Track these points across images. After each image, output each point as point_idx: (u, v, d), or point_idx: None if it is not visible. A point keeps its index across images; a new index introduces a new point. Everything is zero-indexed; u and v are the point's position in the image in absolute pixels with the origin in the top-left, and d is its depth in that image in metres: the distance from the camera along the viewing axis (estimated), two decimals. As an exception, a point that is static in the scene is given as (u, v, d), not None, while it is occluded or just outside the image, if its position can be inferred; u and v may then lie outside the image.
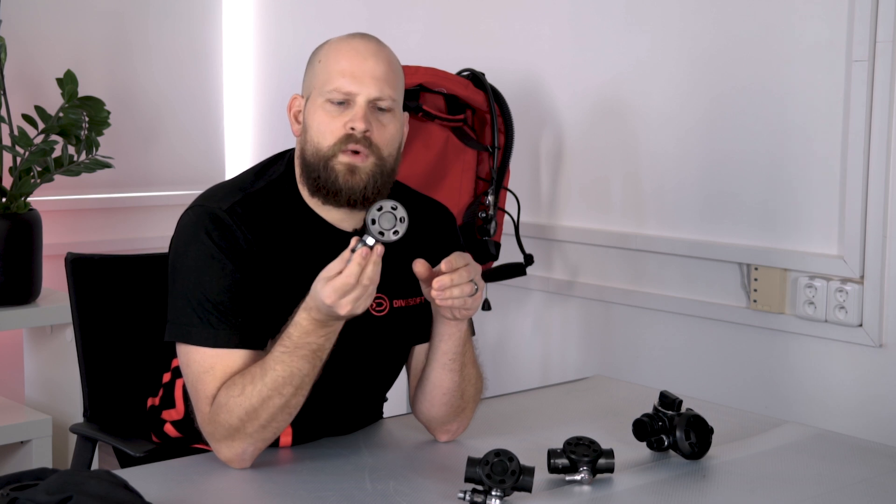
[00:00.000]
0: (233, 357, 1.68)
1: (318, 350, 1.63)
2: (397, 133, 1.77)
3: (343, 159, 1.71)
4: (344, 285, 1.55)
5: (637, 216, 2.90)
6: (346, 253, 1.57)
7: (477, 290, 1.65)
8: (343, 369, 1.70)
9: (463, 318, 1.71)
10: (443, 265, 1.63)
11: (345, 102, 1.72)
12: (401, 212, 1.56)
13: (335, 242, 1.78)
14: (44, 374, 3.28)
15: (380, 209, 1.56)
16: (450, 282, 1.62)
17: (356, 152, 1.71)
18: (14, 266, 3.03)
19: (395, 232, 1.56)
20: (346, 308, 1.56)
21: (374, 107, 1.73)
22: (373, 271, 1.56)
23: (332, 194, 1.73)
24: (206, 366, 1.68)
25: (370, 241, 1.56)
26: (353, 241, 1.57)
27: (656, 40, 2.83)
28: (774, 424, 2.02)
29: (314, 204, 1.79)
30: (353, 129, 1.70)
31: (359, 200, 1.73)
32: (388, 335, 1.84)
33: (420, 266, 1.65)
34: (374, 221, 1.56)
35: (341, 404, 1.84)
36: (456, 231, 1.96)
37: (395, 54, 1.80)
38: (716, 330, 2.73)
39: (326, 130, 1.72)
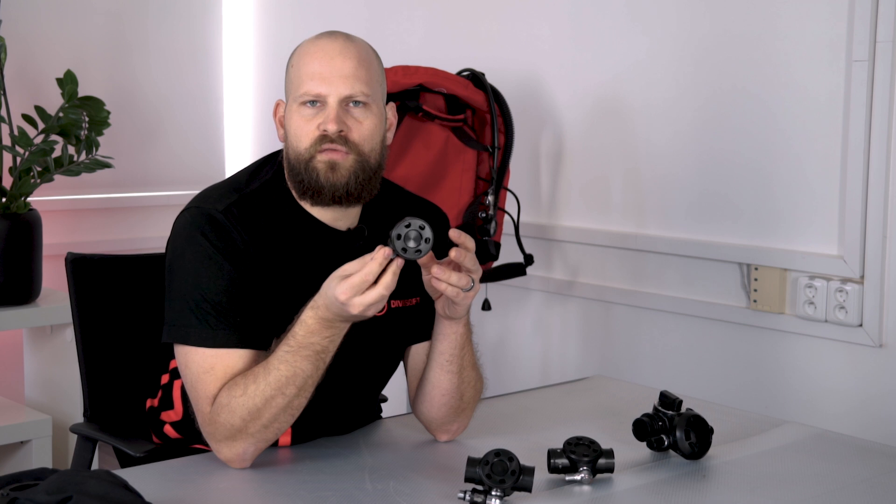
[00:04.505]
0: (232, 357, 1.68)
1: (322, 352, 1.63)
2: (376, 127, 1.76)
3: (322, 157, 1.72)
4: (362, 283, 1.55)
5: (637, 216, 2.90)
6: (366, 257, 1.57)
7: (472, 287, 1.64)
8: (339, 369, 1.71)
9: (455, 316, 1.70)
10: (452, 252, 1.62)
11: (317, 104, 1.73)
12: (427, 232, 1.56)
13: (330, 242, 1.78)
14: (44, 374, 3.28)
15: (408, 226, 1.56)
16: (451, 267, 1.61)
17: (334, 151, 1.72)
18: (14, 266, 3.03)
19: (418, 251, 1.56)
20: (357, 308, 1.56)
21: (348, 104, 1.73)
22: (391, 280, 1.56)
23: (316, 193, 1.74)
24: (205, 366, 1.68)
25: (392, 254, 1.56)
26: (379, 249, 1.56)
27: (656, 40, 2.83)
28: (774, 424, 2.02)
29: (306, 205, 1.79)
30: (325, 130, 1.71)
31: (343, 197, 1.74)
32: (384, 335, 1.84)
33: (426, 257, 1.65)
34: (399, 237, 1.56)
35: (337, 403, 1.84)
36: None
37: (367, 47, 1.78)
38: (716, 330, 2.73)
39: (301, 133, 1.74)
